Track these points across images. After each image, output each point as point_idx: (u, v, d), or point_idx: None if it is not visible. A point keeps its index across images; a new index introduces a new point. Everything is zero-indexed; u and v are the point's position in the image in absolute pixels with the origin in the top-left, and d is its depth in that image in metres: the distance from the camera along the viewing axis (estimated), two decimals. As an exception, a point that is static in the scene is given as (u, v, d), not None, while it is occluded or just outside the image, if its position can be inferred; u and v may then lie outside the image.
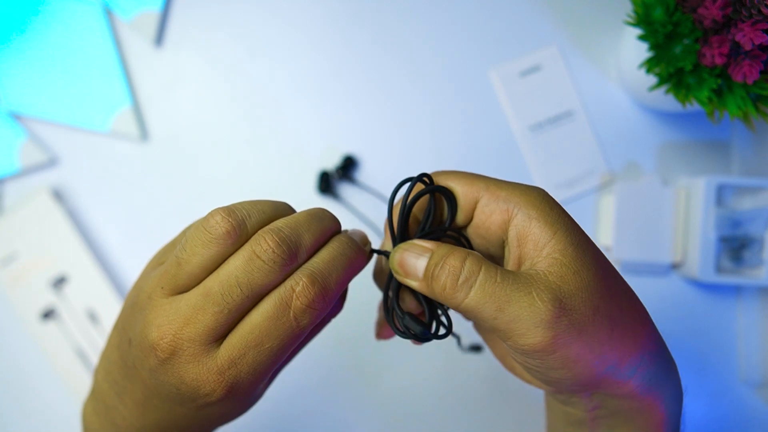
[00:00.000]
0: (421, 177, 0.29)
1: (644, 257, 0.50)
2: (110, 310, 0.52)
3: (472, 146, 0.53)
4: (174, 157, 0.54)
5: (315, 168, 0.53)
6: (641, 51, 0.45)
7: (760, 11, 0.37)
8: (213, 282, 0.26)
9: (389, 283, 0.30)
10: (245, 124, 0.54)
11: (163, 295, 0.27)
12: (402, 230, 0.30)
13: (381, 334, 0.35)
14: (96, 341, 0.51)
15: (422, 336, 0.28)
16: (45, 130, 0.54)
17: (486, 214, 0.28)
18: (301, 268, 0.26)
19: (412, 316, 0.29)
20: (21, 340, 0.52)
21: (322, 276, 0.26)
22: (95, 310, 0.52)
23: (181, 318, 0.25)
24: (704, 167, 0.53)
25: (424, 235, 0.30)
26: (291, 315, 0.25)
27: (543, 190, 0.28)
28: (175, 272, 0.26)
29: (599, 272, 0.26)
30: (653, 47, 0.42)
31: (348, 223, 0.52)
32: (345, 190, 0.53)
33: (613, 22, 0.53)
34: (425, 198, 0.30)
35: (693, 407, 0.52)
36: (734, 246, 0.49)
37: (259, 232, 0.26)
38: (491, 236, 0.29)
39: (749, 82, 0.40)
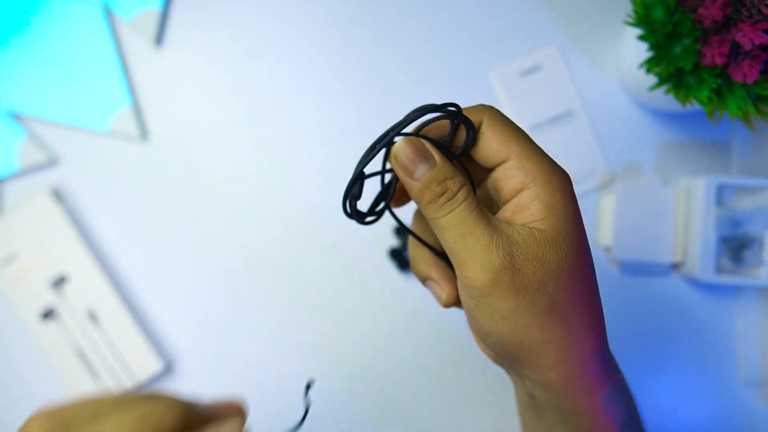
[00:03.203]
0: (446, 107, 0.29)
1: (644, 257, 0.50)
2: (110, 310, 0.52)
3: (472, 146, 0.53)
4: (174, 157, 0.54)
5: (314, 167, 0.53)
6: (641, 51, 0.45)
7: (760, 11, 0.37)
8: None
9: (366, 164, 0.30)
10: (245, 123, 0.54)
11: None
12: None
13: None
14: (96, 341, 0.51)
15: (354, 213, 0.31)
16: (45, 130, 0.54)
17: (506, 176, 0.29)
18: None
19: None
20: (21, 340, 0.52)
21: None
22: (95, 310, 0.52)
23: None
24: (704, 167, 0.53)
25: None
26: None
27: (568, 179, 0.28)
28: None
29: (568, 262, 0.27)
30: (653, 47, 0.42)
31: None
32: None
33: (613, 22, 0.53)
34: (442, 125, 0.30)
35: (693, 407, 0.52)
36: (734, 246, 0.49)
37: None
38: (499, 194, 0.29)
39: (749, 82, 0.40)
